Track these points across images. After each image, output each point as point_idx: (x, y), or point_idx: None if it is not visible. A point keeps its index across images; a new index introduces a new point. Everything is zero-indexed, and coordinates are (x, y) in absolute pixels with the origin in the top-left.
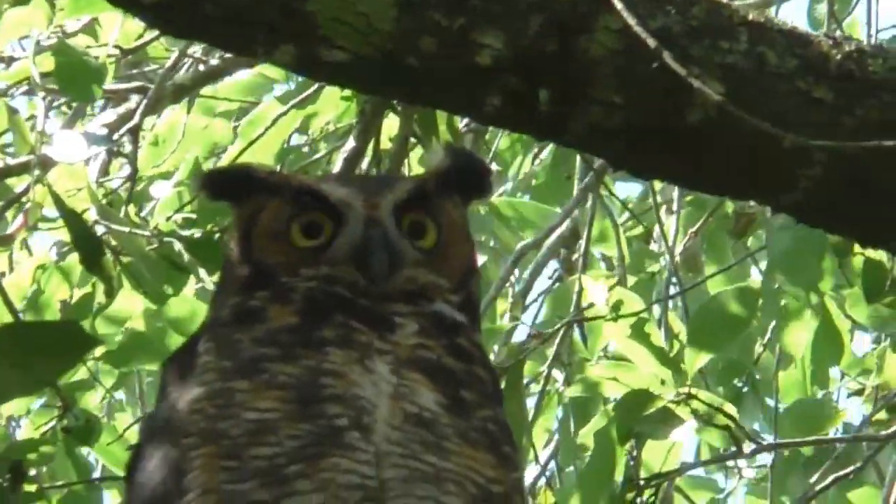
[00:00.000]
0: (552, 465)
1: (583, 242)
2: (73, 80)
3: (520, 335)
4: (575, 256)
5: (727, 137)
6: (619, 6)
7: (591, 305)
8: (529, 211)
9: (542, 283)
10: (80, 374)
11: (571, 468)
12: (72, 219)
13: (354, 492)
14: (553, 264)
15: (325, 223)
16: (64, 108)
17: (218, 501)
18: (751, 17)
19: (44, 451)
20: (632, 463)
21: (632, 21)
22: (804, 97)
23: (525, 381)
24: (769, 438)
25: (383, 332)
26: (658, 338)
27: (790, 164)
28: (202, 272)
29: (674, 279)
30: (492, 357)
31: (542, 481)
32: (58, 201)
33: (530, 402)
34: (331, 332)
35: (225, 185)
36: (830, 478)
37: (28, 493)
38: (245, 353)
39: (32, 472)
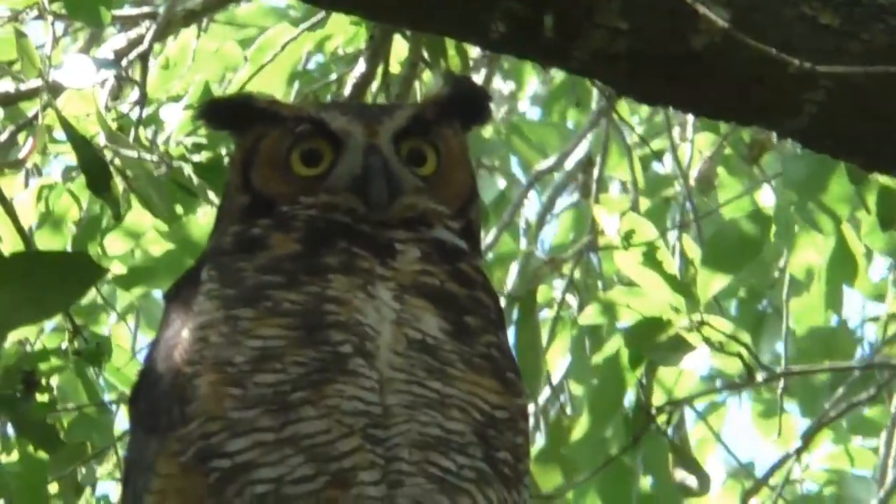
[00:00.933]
0: (565, 389)
1: (597, 166)
2: (81, 3)
3: (534, 260)
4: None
5: (732, 63)
6: None
7: (602, 232)
8: (546, 133)
9: (561, 207)
10: (92, 296)
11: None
12: (79, 143)
13: (359, 418)
14: (570, 189)
15: (325, 151)
16: (78, 35)
17: (223, 428)
18: None
19: (55, 362)
20: (640, 389)
21: None
22: (810, 23)
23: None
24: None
25: (385, 258)
26: (671, 264)
27: (795, 90)
28: (211, 195)
29: (688, 204)
30: (507, 282)
31: (556, 405)
32: (66, 125)
33: (544, 328)
34: (333, 259)
35: (225, 115)
36: (844, 405)
37: (41, 403)
38: (248, 281)
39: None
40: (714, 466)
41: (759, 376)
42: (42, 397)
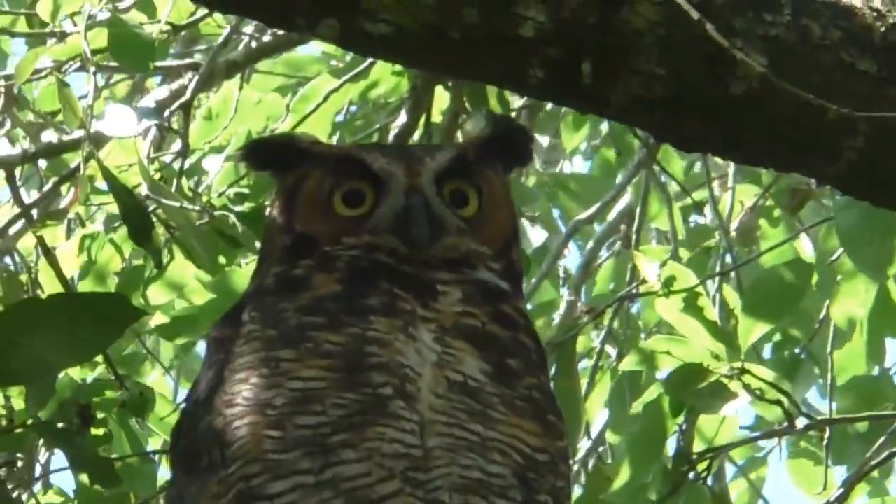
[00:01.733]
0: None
1: (637, 216)
2: (126, 52)
3: (573, 310)
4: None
5: (770, 109)
6: None
7: (643, 281)
8: (588, 184)
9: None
10: (135, 347)
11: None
12: (121, 193)
13: (399, 461)
14: (612, 241)
15: (367, 192)
16: (119, 86)
17: (263, 470)
18: None
19: (110, 395)
20: (681, 437)
21: None
22: (848, 69)
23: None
24: (824, 410)
25: (427, 299)
26: (711, 312)
27: (834, 136)
28: (258, 244)
29: (728, 254)
30: (545, 331)
31: (595, 455)
32: (107, 175)
33: (583, 378)
34: (375, 300)
35: (268, 155)
36: (885, 453)
37: (97, 436)
38: (290, 322)
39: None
40: None
41: (799, 424)
42: (98, 431)
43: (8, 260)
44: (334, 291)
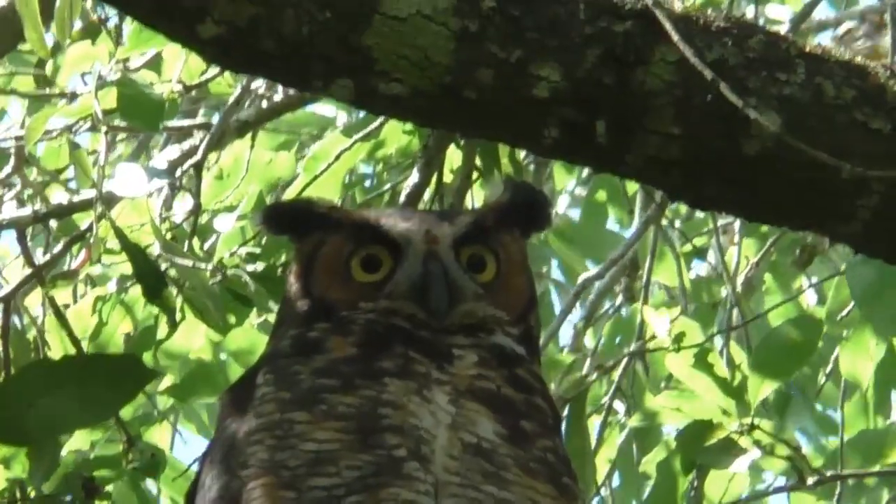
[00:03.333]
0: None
1: (645, 272)
2: (136, 111)
3: (582, 366)
4: (637, 285)
5: (784, 168)
6: (676, 38)
7: (652, 337)
8: (587, 234)
9: (604, 310)
10: (145, 407)
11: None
12: (134, 252)
13: None
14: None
15: (385, 258)
16: (126, 145)
17: None
18: (808, 48)
19: (112, 472)
20: (692, 493)
21: (688, 53)
22: (862, 128)
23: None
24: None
25: (442, 363)
26: (721, 368)
27: (848, 195)
28: (271, 303)
29: (735, 310)
30: (553, 388)
31: None
32: (120, 235)
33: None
34: (390, 363)
35: (286, 220)
36: None
37: None
38: (304, 384)
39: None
40: None
41: (810, 480)
42: None
43: (15, 319)
44: (349, 354)
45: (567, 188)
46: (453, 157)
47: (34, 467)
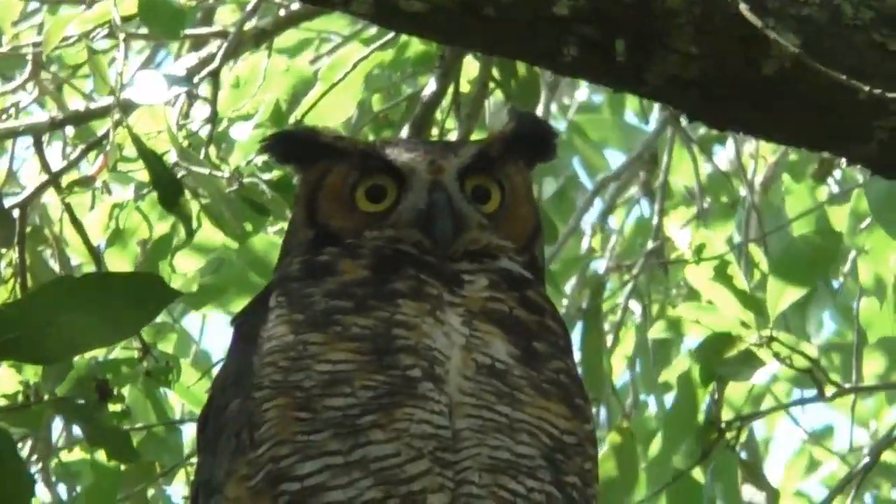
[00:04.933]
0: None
1: (661, 171)
2: (157, 19)
3: (598, 266)
4: (654, 181)
5: (802, 89)
6: None
7: (668, 240)
8: (605, 128)
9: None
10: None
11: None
12: (151, 160)
13: (428, 441)
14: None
15: (390, 187)
16: (140, 52)
17: (292, 452)
18: None
19: (126, 371)
20: (712, 405)
21: None
22: (880, 49)
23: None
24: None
25: (453, 287)
26: (741, 280)
27: (865, 116)
28: (287, 211)
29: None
30: (570, 286)
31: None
32: (137, 142)
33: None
34: (402, 285)
35: (291, 148)
36: None
37: (114, 412)
38: (317, 306)
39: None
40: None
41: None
42: (115, 407)
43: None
44: (361, 277)
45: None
46: (470, 66)
47: (46, 370)
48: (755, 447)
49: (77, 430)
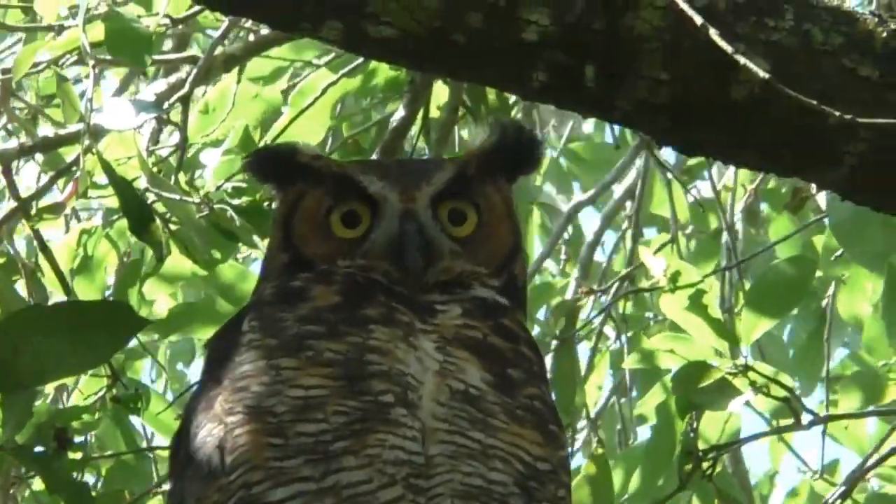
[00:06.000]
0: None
1: (636, 199)
2: (124, 46)
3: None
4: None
5: (772, 114)
6: None
7: (641, 265)
8: (599, 151)
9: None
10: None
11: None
12: (121, 186)
13: (400, 467)
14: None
15: (364, 213)
16: (114, 77)
17: (264, 478)
18: None
19: (87, 419)
20: (691, 434)
21: None
22: (849, 74)
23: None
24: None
25: (425, 316)
26: (715, 309)
27: (836, 142)
28: (255, 238)
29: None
30: (542, 312)
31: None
32: (107, 169)
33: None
34: (374, 312)
35: (271, 167)
36: (888, 449)
37: (73, 460)
38: (290, 331)
39: (78, 439)
40: None
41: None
42: (74, 454)
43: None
44: (333, 303)
45: None
46: (440, 92)
47: (7, 416)
48: (744, 476)
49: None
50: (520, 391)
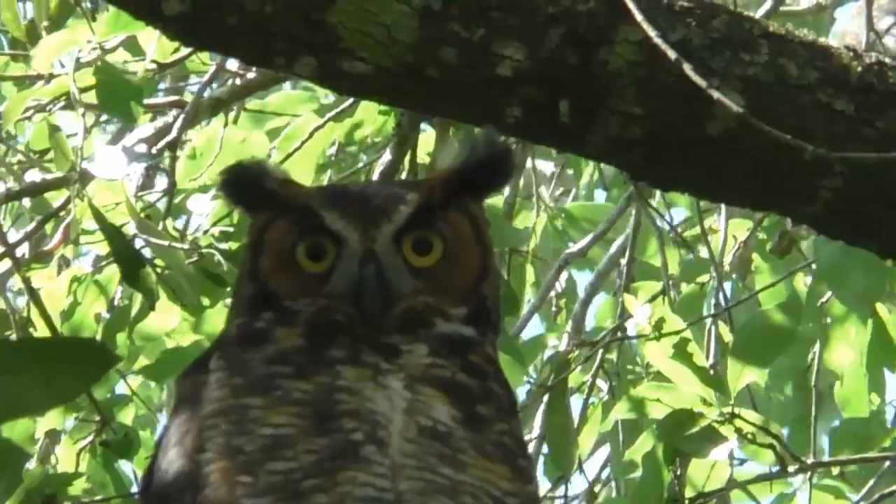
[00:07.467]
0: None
1: (627, 251)
2: (114, 99)
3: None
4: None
5: (748, 149)
6: (640, 18)
7: (629, 316)
8: (595, 212)
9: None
10: (119, 388)
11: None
12: (112, 233)
13: None
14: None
15: (329, 247)
16: (105, 125)
17: None
18: (771, 29)
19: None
20: (676, 482)
21: (652, 33)
22: (825, 109)
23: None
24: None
25: (390, 357)
26: (700, 357)
27: (811, 176)
28: None
29: (721, 292)
30: (534, 368)
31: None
32: (97, 216)
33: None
34: (340, 352)
35: (241, 189)
36: (876, 496)
37: None
38: (256, 371)
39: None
40: None
41: (791, 467)
42: None
43: None
44: (297, 345)
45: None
46: (428, 137)
47: None
48: None
49: None
50: (489, 427)
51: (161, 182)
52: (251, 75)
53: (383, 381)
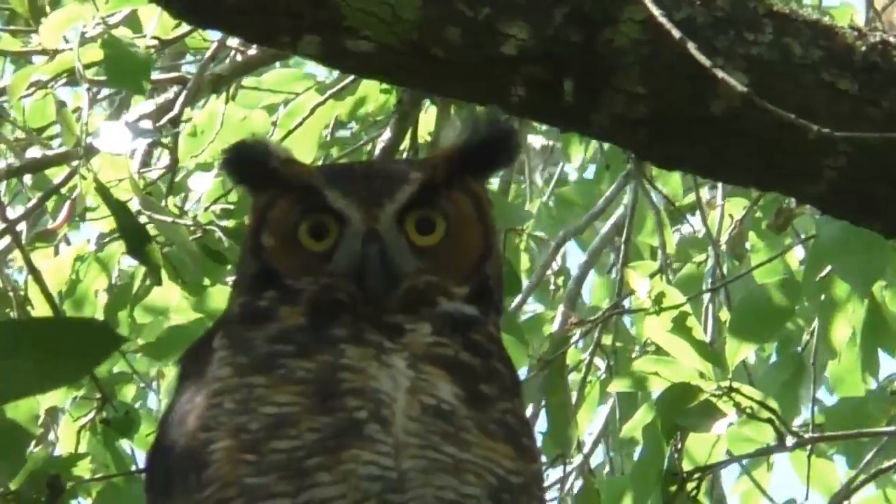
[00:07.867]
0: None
1: (625, 230)
2: (121, 72)
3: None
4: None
5: (751, 128)
6: None
7: (632, 292)
8: (587, 191)
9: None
10: (120, 366)
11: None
12: (118, 208)
13: (374, 483)
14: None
15: (332, 226)
16: (106, 101)
17: (239, 494)
18: (776, 8)
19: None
20: (676, 456)
21: (656, 12)
22: (829, 88)
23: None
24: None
25: (394, 335)
26: (699, 331)
27: (815, 156)
28: None
29: (718, 269)
30: (534, 345)
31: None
32: (103, 192)
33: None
34: (343, 331)
35: (244, 167)
36: (873, 471)
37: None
38: (260, 350)
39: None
40: None
41: (789, 442)
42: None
43: None
44: (300, 324)
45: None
46: (429, 116)
47: (0, 464)
48: (722, 498)
49: None
50: (492, 406)
51: (162, 160)
52: (252, 52)
53: (386, 359)
